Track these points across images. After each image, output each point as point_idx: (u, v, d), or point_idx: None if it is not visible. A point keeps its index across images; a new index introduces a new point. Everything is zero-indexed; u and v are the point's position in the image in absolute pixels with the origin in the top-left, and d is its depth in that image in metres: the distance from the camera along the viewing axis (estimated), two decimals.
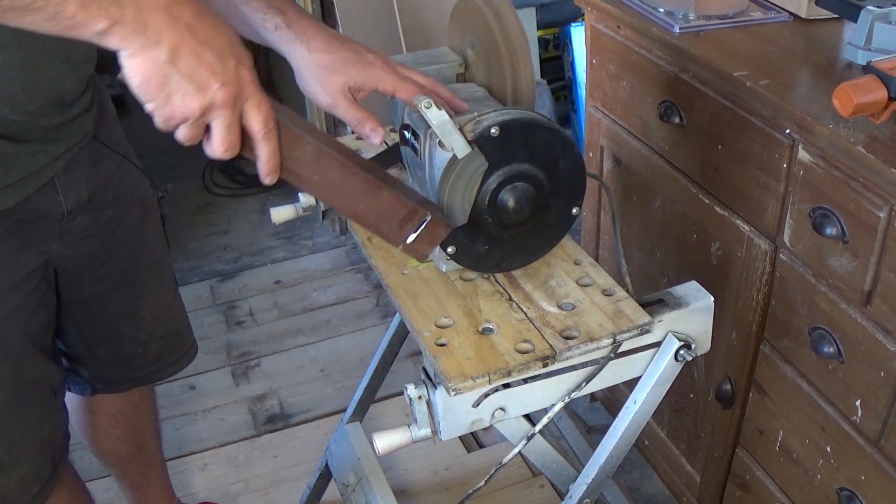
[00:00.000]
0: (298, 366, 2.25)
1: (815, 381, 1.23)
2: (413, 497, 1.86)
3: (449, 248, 0.96)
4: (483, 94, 1.04)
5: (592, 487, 1.05)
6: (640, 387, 1.01)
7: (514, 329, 0.94)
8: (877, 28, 1.17)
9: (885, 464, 1.14)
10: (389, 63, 0.98)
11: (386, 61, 0.98)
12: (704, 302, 1.01)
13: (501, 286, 1.01)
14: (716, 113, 1.29)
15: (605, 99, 1.61)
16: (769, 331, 1.31)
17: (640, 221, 1.60)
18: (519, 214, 0.95)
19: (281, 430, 2.05)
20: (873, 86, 1.00)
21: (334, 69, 0.97)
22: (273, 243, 2.74)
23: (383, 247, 1.07)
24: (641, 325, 0.95)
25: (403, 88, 0.95)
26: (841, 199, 1.10)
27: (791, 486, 1.34)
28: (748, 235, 1.29)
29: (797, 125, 1.14)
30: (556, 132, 0.94)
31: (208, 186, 3.01)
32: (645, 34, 1.41)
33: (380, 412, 1.99)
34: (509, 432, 1.47)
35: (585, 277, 1.02)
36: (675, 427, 1.65)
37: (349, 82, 0.97)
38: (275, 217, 1.22)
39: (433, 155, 0.94)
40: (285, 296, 2.51)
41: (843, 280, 1.12)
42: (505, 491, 1.84)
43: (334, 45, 0.98)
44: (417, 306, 0.98)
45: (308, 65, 0.98)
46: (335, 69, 0.97)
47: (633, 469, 1.88)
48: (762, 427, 1.37)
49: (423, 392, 0.92)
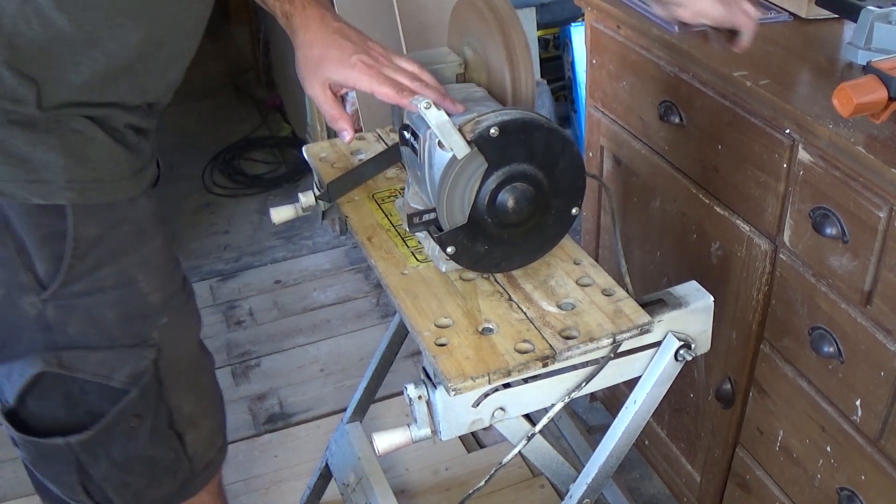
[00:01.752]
0: (298, 365, 2.25)
1: (815, 380, 1.23)
2: (413, 497, 1.86)
3: (448, 248, 0.96)
4: (483, 94, 1.04)
5: (592, 487, 1.05)
6: (640, 386, 1.01)
7: (514, 329, 0.94)
8: (877, 28, 1.17)
9: (886, 463, 1.14)
10: (375, 63, 0.98)
11: (370, 62, 0.98)
12: (704, 302, 1.01)
13: (501, 286, 1.01)
14: (716, 113, 1.29)
15: (605, 99, 1.61)
16: (769, 331, 1.31)
17: (640, 221, 1.60)
18: (518, 214, 0.95)
19: (281, 429, 2.05)
20: (873, 86, 0.99)
21: (317, 65, 1.00)
22: (273, 243, 2.74)
23: (383, 247, 1.07)
24: (641, 325, 0.95)
25: (380, 91, 0.97)
26: (841, 199, 1.10)
27: (791, 485, 1.34)
28: (748, 235, 1.29)
29: (797, 125, 1.14)
30: (556, 132, 0.94)
31: (208, 186, 3.01)
32: (645, 34, 1.41)
33: (380, 412, 1.99)
34: (509, 432, 1.47)
35: (585, 277, 1.02)
36: (676, 427, 1.65)
37: (329, 80, 1.00)
38: (275, 217, 1.22)
39: (433, 155, 0.95)
40: (285, 296, 2.51)
41: (843, 280, 1.12)
42: (505, 491, 1.84)
43: (325, 41, 1.00)
44: (417, 306, 0.98)
45: (299, 57, 1.02)
46: (318, 65, 1.00)
47: (633, 469, 1.88)
48: (762, 427, 1.37)
49: (422, 392, 0.92)
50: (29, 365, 1.00)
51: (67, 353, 1.00)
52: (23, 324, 0.98)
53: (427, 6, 2.41)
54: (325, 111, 1.02)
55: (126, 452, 1.08)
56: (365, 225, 1.12)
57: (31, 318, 0.98)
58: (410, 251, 1.06)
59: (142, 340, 1.04)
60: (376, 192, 1.19)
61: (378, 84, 0.97)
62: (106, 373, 1.02)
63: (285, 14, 1.02)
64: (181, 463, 1.14)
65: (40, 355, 0.99)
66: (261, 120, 3.41)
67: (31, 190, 0.91)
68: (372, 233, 1.10)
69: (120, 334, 1.02)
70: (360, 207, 1.15)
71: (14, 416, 1.04)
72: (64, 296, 0.97)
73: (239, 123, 3.38)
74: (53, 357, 0.99)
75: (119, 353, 1.02)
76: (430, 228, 0.97)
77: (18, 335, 0.99)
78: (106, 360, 1.02)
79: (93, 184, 0.94)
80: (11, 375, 1.01)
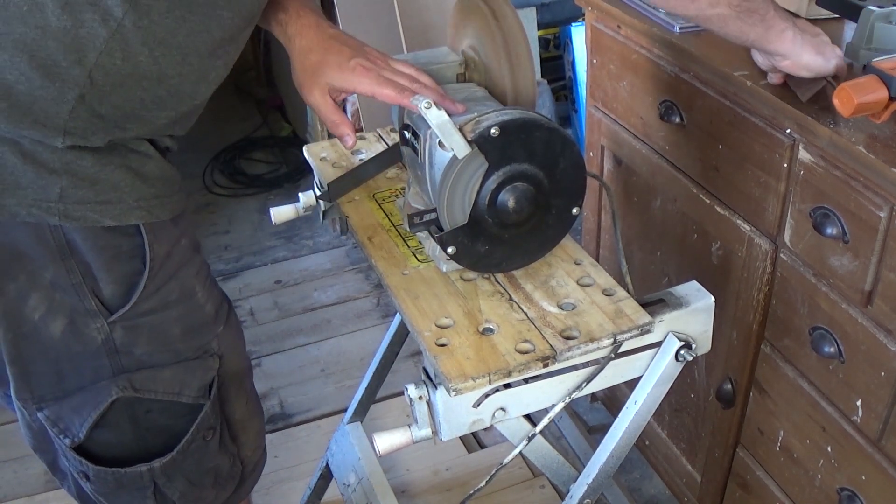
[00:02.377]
0: (299, 366, 2.25)
1: (815, 380, 1.23)
2: (414, 497, 1.86)
3: (449, 249, 0.96)
4: (483, 94, 1.04)
5: (593, 487, 1.05)
6: (641, 387, 1.01)
7: (515, 329, 0.94)
8: (877, 28, 1.17)
9: (886, 464, 1.14)
10: (374, 66, 0.99)
11: (369, 65, 0.99)
12: (705, 302, 1.01)
13: (502, 286, 1.01)
14: (716, 113, 1.29)
15: (605, 99, 1.61)
16: (770, 331, 1.31)
17: (641, 221, 1.60)
18: (519, 214, 0.95)
19: (282, 430, 2.05)
20: (874, 86, 0.99)
21: (316, 71, 1.00)
22: (274, 243, 2.74)
23: (384, 247, 1.07)
24: (642, 325, 0.95)
25: (381, 93, 0.97)
26: (841, 198, 1.09)
27: (792, 486, 1.34)
28: (749, 235, 1.29)
29: (798, 125, 1.14)
30: (556, 132, 0.94)
31: (209, 186, 3.01)
32: (646, 34, 1.41)
33: (380, 412, 1.98)
34: (510, 432, 1.47)
35: (586, 277, 1.02)
36: (676, 427, 1.65)
37: (329, 85, 1.00)
38: (275, 217, 1.22)
39: (433, 155, 0.94)
40: (286, 296, 2.51)
41: (844, 280, 1.12)
42: (506, 491, 1.84)
43: (322, 47, 1.00)
44: (418, 306, 0.98)
45: (295, 65, 1.02)
46: (316, 71, 1.00)
47: (633, 469, 1.88)
48: (763, 427, 1.37)
49: (423, 392, 0.92)
50: (102, 394, 0.98)
51: (138, 374, 0.98)
52: (88, 352, 0.96)
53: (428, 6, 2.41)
54: (325, 118, 1.02)
55: (199, 467, 1.07)
56: (365, 225, 1.12)
57: (98, 344, 0.96)
58: (411, 251, 1.06)
59: (204, 352, 1.03)
60: (377, 191, 1.19)
61: (378, 86, 0.97)
62: (177, 389, 1.01)
63: (280, 23, 1.02)
64: (236, 468, 1.14)
65: (111, 381, 0.97)
66: (261, 120, 3.41)
67: (101, 211, 0.90)
68: (372, 233, 1.10)
69: (184, 348, 1.01)
70: (361, 207, 1.15)
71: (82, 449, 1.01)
72: (132, 316, 0.96)
73: (239, 123, 3.38)
74: (126, 381, 0.98)
75: (187, 368, 1.01)
76: (430, 228, 0.97)
77: (82, 364, 0.97)
78: (176, 377, 1.01)
79: (156, 200, 0.94)
80: (81, 409, 0.99)
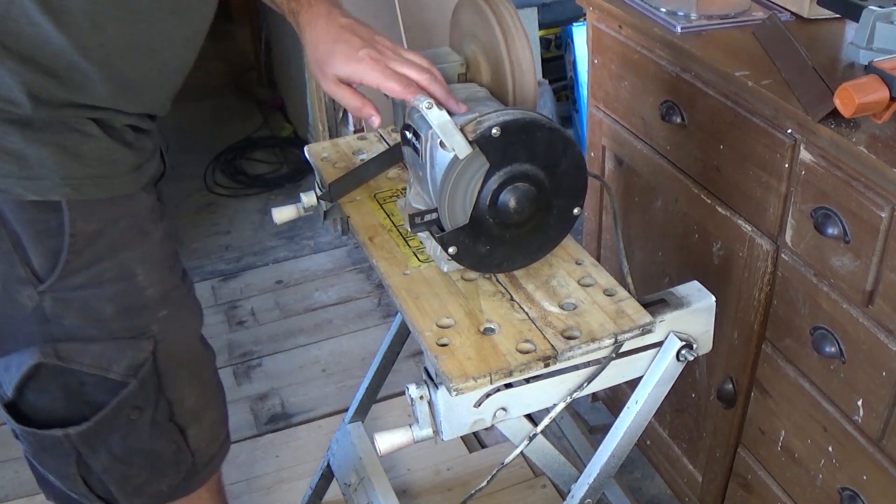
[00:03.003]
0: (300, 365, 2.25)
1: (816, 380, 1.23)
2: (415, 497, 1.86)
3: (450, 249, 0.96)
4: (484, 94, 1.04)
5: (594, 487, 1.05)
6: (642, 387, 1.01)
7: (516, 329, 0.94)
8: (878, 28, 1.17)
9: (887, 464, 1.14)
10: (382, 58, 0.99)
11: (378, 56, 0.99)
12: (706, 302, 1.01)
13: (503, 286, 1.01)
14: (717, 113, 1.29)
15: (606, 99, 1.61)
16: (771, 331, 1.31)
17: (642, 221, 1.60)
18: (520, 215, 0.95)
19: (283, 429, 2.05)
20: (875, 86, 0.99)
21: (326, 61, 1.00)
22: (275, 243, 2.74)
23: (385, 247, 1.07)
24: (643, 325, 0.95)
25: (386, 85, 0.98)
26: (842, 199, 1.09)
27: (793, 485, 1.34)
28: (750, 235, 1.29)
29: (799, 125, 1.14)
30: (558, 132, 0.94)
31: (210, 186, 3.01)
32: (647, 34, 1.41)
33: (381, 412, 1.99)
34: (511, 432, 1.47)
35: (587, 277, 1.02)
36: (677, 427, 1.65)
37: (337, 76, 1.00)
38: (276, 217, 1.22)
39: (434, 155, 0.95)
40: (287, 296, 2.51)
41: (845, 280, 1.12)
42: (507, 491, 1.84)
43: (332, 37, 1.00)
44: (419, 306, 0.98)
45: (308, 57, 1.03)
46: (327, 61, 1.00)
47: (634, 469, 1.88)
48: (764, 427, 1.37)
49: (424, 392, 0.92)
50: (26, 357, 1.00)
51: (65, 344, 1.00)
52: (21, 317, 0.99)
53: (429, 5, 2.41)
54: (346, 104, 1.02)
55: (126, 445, 1.08)
56: (366, 225, 1.12)
57: (29, 311, 0.98)
58: (412, 251, 1.06)
59: (140, 333, 1.04)
60: (378, 192, 1.19)
61: (385, 79, 0.97)
62: (104, 365, 1.02)
63: (292, 12, 1.03)
64: (184, 456, 1.14)
65: (38, 347, 1.00)
66: (262, 120, 3.41)
67: (25, 186, 0.92)
68: (374, 233, 1.10)
69: (118, 327, 1.02)
70: (362, 207, 1.15)
71: (14, 408, 1.04)
72: (61, 289, 0.97)
73: (240, 123, 3.38)
74: (51, 349, 1.00)
75: (117, 345, 1.03)
76: (431, 228, 0.97)
77: (17, 328, 1.00)
78: (104, 352, 1.02)
79: (89, 180, 0.94)
80: (10, 368, 1.02)
